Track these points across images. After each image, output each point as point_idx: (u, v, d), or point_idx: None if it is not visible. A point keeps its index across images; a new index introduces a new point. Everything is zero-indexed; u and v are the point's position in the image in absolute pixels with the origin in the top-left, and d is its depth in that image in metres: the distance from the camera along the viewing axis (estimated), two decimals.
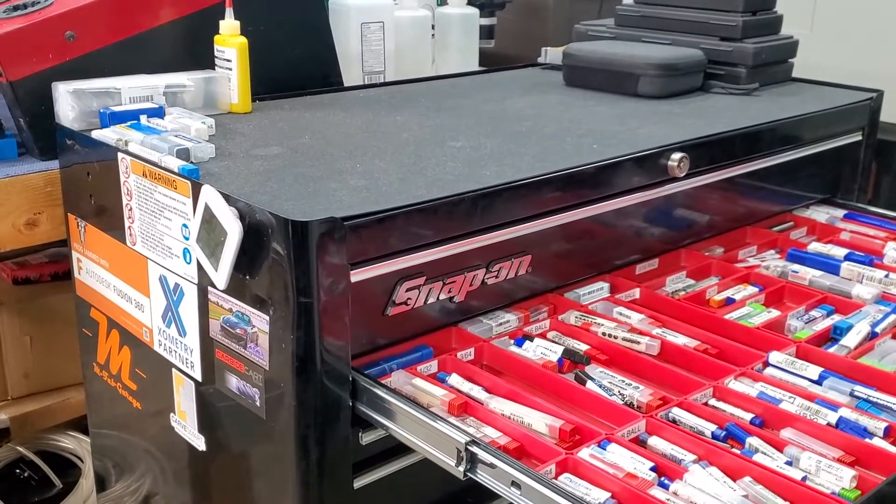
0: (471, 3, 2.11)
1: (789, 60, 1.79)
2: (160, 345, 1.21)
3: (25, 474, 1.88)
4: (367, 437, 1.07)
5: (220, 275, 1.02)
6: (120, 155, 1.19)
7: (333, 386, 1.01)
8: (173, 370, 1.19)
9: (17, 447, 1.84)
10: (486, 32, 2.28)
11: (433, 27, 2.06)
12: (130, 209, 1.20)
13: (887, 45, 2.03)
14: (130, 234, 1.21)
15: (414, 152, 1.26)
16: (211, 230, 1.02)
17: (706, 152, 1.38)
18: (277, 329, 1.00)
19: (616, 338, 1.17)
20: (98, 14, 1.39)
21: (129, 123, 1.27)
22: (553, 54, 1.94)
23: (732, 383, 1.09)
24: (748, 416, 1.02)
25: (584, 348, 1.16)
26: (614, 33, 1.84)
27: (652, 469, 0.92)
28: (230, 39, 1.43)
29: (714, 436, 0.99)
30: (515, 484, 0.87)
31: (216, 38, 1.44)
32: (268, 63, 1.52)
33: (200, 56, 1.46)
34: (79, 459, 1.85)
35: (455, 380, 1.08)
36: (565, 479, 0.91)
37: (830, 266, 1.39)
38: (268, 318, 1.00)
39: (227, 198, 1.01)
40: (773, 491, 0.89)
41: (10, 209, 1.33)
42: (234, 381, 1.08)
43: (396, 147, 1.29)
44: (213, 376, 1.12)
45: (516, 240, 1.17)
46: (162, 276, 1.17)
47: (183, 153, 1.15)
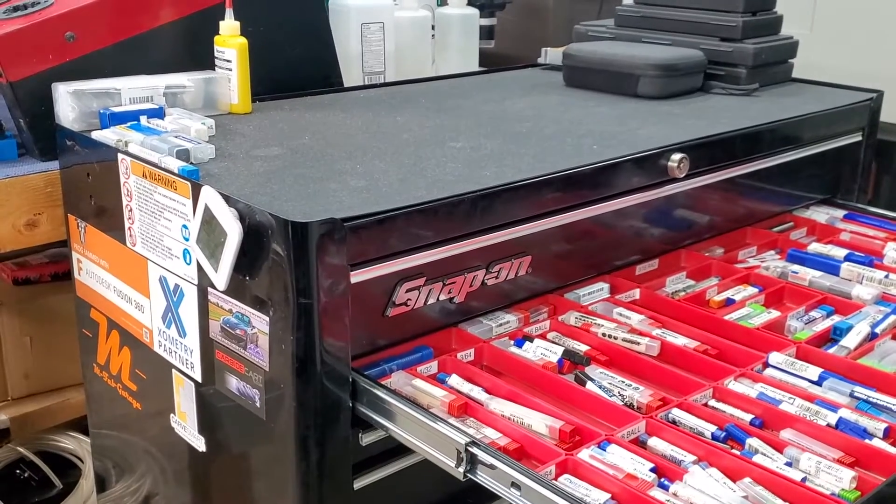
0: (471, 3, 2.11)
1: (789, 61, 1.79)
2: (160, 345, 1.21)
3: (26, 475, 1.88)
4: (367, 438, 1.07)
5: (220, 276, 1.02)
6: (120, 156, 1.19)
7: (333, 387, 1.02)
8: (173, 371, 1.19)
9: (18, 448, 1.84)
10: (486, 33, 2.28)
11: (433, 28, 2.06)
12: (130, 210, 1.20)
13: (887, 45, 2.03)
14: (130, 235, 1.21)
15: (414, 153, 1.26)
16: (211, 231, 1.02)
17: (706, 153, 1.38)
18: (277, 330, 1.00)
19: (616, 338, 1.17)
20: (98, 15, 1.39)
21: (129, 124, 1.27)
22: (553, 55, 1.94)
23: (732, 384, 1.09)
24: (748, 417, 1.02)
25: (584, 349, 1.16)
26: (614, 34, 1.84)
27: (652, 470, 0.92)
28: (230, 40, 1.43)
29: (714, 437, 0.99)
30: (515, 485, 0.87)
31: (216, 38, 1.44)
32: (268, 63, 1.52)
33: (200, 57, 1.46)
34: (79, 460, 1.85)
35: (455, 381, 1.08)
36: (565, 480, 0.91)
37: (830, 267, 1.39)
38: (268, 318, 1.00)
39: (227, 199, 1.01)
40: (773, 492, 0.89)
41: (10, 210, 1.33)
42: (234, 382, 1.08)
43: (396, 148, 1.29)
44: (213, 377, 1.12)
45: (516, 240, 1.17)
46: (162, 277, 1.17)
47: (183, 154, 1.15)
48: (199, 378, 1.15)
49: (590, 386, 1.08)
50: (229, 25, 1.42)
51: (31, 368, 1.77)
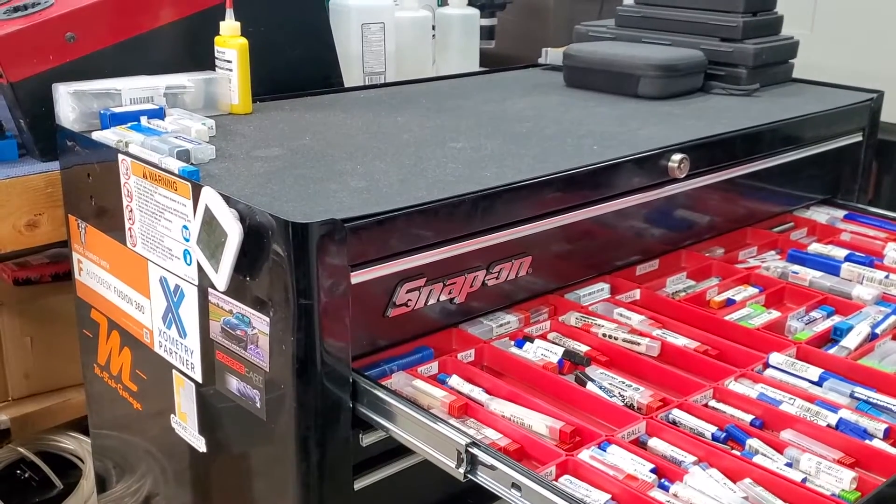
0: (471, 3, 2.11)
1: (790, 61, 1.79)
2: (160, 346, 1.21)
3: (26, 475, 1.88)
4: (367, 439, 1.07)
5: (221, 276, 1.02)
6: (120, 156, 1.19)
7: (334, 387, 1.02)
8: (174, 371, 1.19)
9: (18, 448, 1.84)
10: (487, 33, 2.28)
11: (434, 28, 2.06)
12: (131, 210, 1.20)
13: (887, 46, 2.03)
14: (131, 236, 1.21)
15: (414, 153, 1.26)
16: (211, 232, 1.02)
17: (706, 153, 1.38)
18: (278, 330, 1.00)
19: (616, 339, 1.17)
20: (98, 15, 1.39)
21: (129, 125, 1.27)
22: (553, 55, 1.94)
23: (732, 384, 1.09)
24: (748, 418, 1.02)
25: (584, 349, 1.16)
26: (615, 34, 1.84)
27: (652, 471, 0.92)
28: (230, 40, 1.43)
29: (714, 437, 0.99)
30: (515, 486, 0.87)
31: (216, 39, 1.44)
32: (268, 64, 1.52)
33: (201, 57, 1.46)
34: (79, 460, 1.85)
35: (455, 381, 1.08)
36: (565, 481, 0.91)
37: (831, 267, 1.39)
38: (268, 319, 1.00)
39: (228, 199, 1.01)
40: (773, 492, 0.89)
41: (10, 210, 1.33)
42: (234, 383, 1.08)
43: (397, 148, 1.29)
44: (214, 378, 1.12)
45: (517, 241, 1.17)
46: (162, 278, 1.17)
47: (183, 155, 1.15)
48: (199, 378, 1.15)
49: (590, 386, 1.08)
50: (229, 26, 1.42)
51: (31, 369, 1.77)
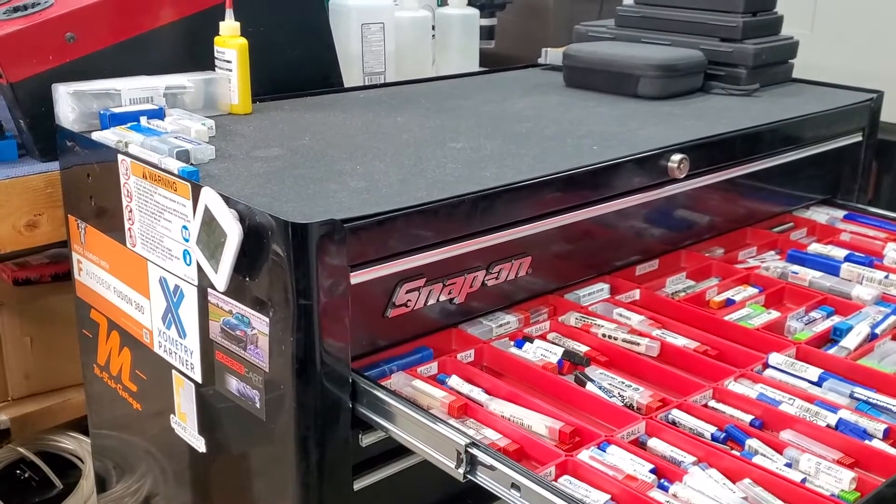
0: (471, 3, 2.11)
1: (790, 61, 1.79)
2: (160, 346, 1.21)
3: (26, 475, 1.88)
4: (367, 439, 1.07)
5: (220, 277, 1.02)
6: (120, 156, 1.19)
7: (333, 388, 1.02)
8: (173, 372, 1.19)
9: (18, 448, 1.84)
10: (487, 33, 2.28)
11: (433, 28, 2.06)
12: (130, 211, 1.20)
13: (887, 46, 2.03)
14: (130, 236, 1.21)
15: (414, 153, 1.26)
16: (211, 232, 1.02)
17: (706, 153, 1.38)
18: (277, 331, 1.00)
19: (616, 339, 1.17)
20: (98, 15, 1.39)
21: (129, 125, 1.27)
22: (553, 55, 1.94)
23: (732, 385, 1.09)
24: (748, 418, 1.02)
25: (583, 350, 1.16)
26: (614, 34, 1.84)
27: (651, 471, 0.92)
28: (230, 40, 1.43)
29: (714, 437, 0.99)
30: (515, 486, 0.87)
31: (216, 39, 1.44)
32: (268, 64, 1.52)
33: (200, 57, 1.46)
34: (79, 460, 1.85)
35: (455, 381, 1.08)
36: (565, 481, 0.91)
37: (830, 267, 1.39)
38: (268, 319, 1.00)
39: (227, 199, 1.01)
40: (773, 493, 0.89)
41: (10, 210, 1.33)
42: (234, 383, 1.08)
43: (396, 148, 1.29)
44: (213, 378, 1.12)
45: (516, 241, 1.17)
46: (162, 278, 1.17)
47: (183, 155, 1.15)
48: (199, 379, 1.15)
49: (590, 387, 1.08)
50: (229, 26, 1.42)
51: (31, 369, 1.77)
